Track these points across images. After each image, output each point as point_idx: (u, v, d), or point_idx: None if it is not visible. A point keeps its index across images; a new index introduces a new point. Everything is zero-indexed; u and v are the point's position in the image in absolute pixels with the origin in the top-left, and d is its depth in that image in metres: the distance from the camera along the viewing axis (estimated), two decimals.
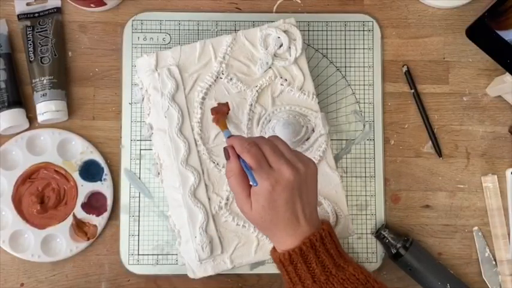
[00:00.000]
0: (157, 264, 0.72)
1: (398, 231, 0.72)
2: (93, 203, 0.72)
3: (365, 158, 0.73)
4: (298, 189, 0.54)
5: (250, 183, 0.54)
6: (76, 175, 0.72)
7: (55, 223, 0.71)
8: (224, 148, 0.57)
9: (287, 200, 0.53)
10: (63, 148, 0.73)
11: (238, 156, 0.55)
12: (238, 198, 0.56)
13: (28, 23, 0.73)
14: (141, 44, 0.74)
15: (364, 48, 0.75)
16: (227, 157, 0.56)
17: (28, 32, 0.72)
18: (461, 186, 0.74)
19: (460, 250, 0.73)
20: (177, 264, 0.71)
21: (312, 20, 0.75)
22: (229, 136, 0.58)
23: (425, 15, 0.76)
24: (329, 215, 0.68)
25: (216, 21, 0.75)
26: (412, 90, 0.74)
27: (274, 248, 0.57)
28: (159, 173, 0.68)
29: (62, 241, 0.71)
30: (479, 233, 0.73)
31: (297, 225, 0.54)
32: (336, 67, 0.74)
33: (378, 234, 0.71)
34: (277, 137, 0.58)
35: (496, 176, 0.73)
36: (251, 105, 0.67)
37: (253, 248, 0.67)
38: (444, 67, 0.75)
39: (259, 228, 0.57)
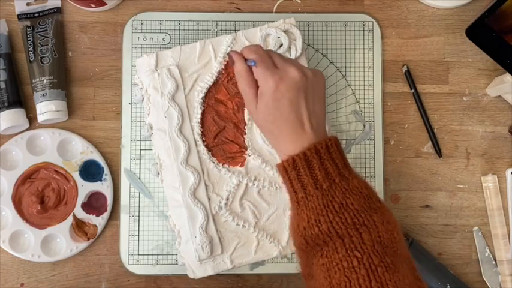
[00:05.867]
0: (157, 264, 0.72)
1: None
2: (93, 203, 0.72)
3: (365, 158, 0.73)
4: (304, 92, 0.52)
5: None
6: (76, 175, 0.72)
7: (55, 223, 0.71)
8: (228, 53, 0.57)
9: (291, 101, 0.52)
10: (63, 148, 0.73)
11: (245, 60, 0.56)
12: (246, 98, 0.55)
13: (28, 23, 0.73)
14: (141, 44, 0.74)
15: (364, 48, 0.75)
16: (232, 62, 0.57)
17: (28, 32, 0.72)
18: (461, 186, 0.74)
19: (460, 250, 0.73)
20: (177, 264, 0.71)
21: (312, 20, 0.75)
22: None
23: (425, 15, 0.76)
24: None
25: (216, 21, 0.75)
26: (412, 90, 0.74)
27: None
28: (159, 173, 0.68)
29: (62, 241, 0.71)
30: (479, 233, 0.73)
31: (301, 131, 0.52)
32: (336, 67, 0.74)
33: None
34: None
35: (496, 176, 0.73)
36: None
37: (253, 248, 0.67)
38: (444, 67, 0.75)
39: (263, 130, 0.56)
